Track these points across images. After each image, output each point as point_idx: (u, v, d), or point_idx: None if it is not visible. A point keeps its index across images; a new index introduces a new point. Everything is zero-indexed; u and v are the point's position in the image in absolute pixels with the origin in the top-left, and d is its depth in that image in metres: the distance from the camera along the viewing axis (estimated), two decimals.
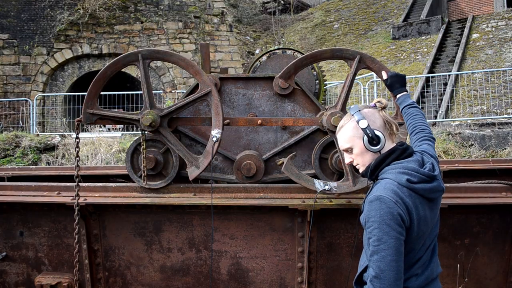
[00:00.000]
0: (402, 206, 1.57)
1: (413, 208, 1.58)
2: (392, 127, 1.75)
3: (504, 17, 14.09)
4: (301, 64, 2.61)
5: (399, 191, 1.58)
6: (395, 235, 1.54)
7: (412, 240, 1.61)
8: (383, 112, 1.77)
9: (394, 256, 1.53)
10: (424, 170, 1.64)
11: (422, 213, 1.60)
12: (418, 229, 1.60)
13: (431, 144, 1.90)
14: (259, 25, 19.72)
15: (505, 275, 2.57)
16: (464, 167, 3.89)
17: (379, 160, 1.70)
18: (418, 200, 1.60)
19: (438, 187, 1.65)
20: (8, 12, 14.27)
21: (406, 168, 1.63)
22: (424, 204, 1.62)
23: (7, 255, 2.79)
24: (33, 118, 11.73)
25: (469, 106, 10.72)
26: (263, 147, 2.97)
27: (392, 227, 1.54)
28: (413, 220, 1.58)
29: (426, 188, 1.61)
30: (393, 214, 1.54)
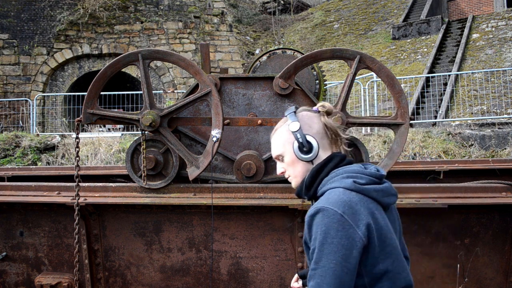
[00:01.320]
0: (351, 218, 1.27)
1: (370, 217, 1.29)
2: (335, 136, 1.47)
3: (504, 17, 14.09)
4: (301, 64, 2.61)
5: (346, 198, 1.29)
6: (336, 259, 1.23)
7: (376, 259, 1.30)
8: (325, 118, 1.48)
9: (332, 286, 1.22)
10: (370, 171, 1.40)
11: (383, 222, 1.32)
12: (382, 242, 1.30)
13: None
14: (259, 25, 19.72)
15: (505, 275, 2.57)
16: (464, 167, 3.89)
17: (315, 170, 1.43)
18: (373, 206, 1.32)
19: (390, 189, 1.40)
20: (8, 12, 14.28)
21: (349, 171, 1.38)
22: (383, 212, 1.35)
23: (7, 255, 2.79)
24: (33, 118, 11.73)
25: (469, 106, 10.72)
26: (263, 147, 2.97)
27: (334, 248, 1.24)
28: (371, 233, 1.27)
29: (378, 190, 1.35)
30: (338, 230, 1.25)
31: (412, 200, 2.49)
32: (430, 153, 7.59)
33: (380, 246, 1.29)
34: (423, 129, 8.73)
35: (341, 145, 1.50)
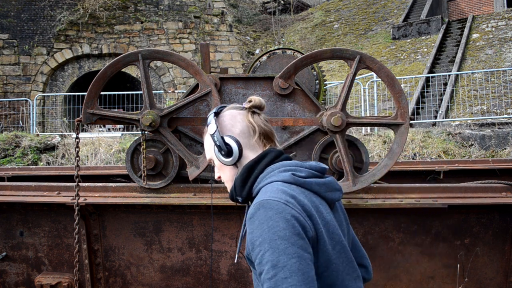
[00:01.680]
0: (296, 206, 1.12)
1: (313, 209, 1.16)
2: (264, 135, 1.34)
3: (504, 17, 14.09)
4: (301, 64, 2.61)
5: (286, 189, 1.16)
6: (296, 252, 1.05)
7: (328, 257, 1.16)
8: (249, 116, 1.35)
9: (303, 285, 1.02)
10: (310, 164, 1.28)
11: (329, 217, 1.20)
12: (331, 239, 1.17)
13: None
14: (259, 25, 19.72)
15: (505, 275, 2.57)
16: (464, 167, 3.89)
17: (246, 168, 1.29)
18: (316, 200, 1.20)
19: (334, 183, 1.28)
20: (8, 12, 14.27)
21: (287, 164, 1.26)
22: (327, 208, 1.23)
23: (7, 255, 2.79)
24: (33, 118, 11.73)
25: (469, 106, 10.72)
26: None
27: (290, 240, 1.06)
28: (317, 225, 1.14)
29: (320, 183, 1.23)
30: (287, 219, 1.08)
31: (412, 200, 2.49)
32: (430, 153, 7.59)
33: (331, 244, 1.17)
34: (423, 129, 8.73)
35: (276, 143, 1.38)
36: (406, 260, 2.59)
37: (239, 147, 1.31)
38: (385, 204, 2.49)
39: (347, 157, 2.53)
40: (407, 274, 2.59)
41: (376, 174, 2.54)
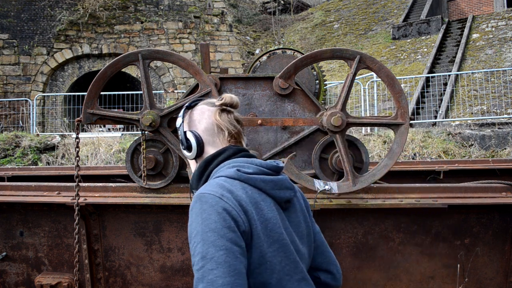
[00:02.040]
0: (231, 200, 1.13)
1: (251, 205, 1.16)
2: (230, 134, 1.35)
3: (504, 17, 14.09)
4: (301, 64, 2.61)
5: (227, 184, 1.18)
6: (225, 245, 1.06)
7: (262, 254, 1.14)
8: (217, 113, 1.36)
9: (228, 276, 1.02)
10: (261, 161, 1.31)
11: (270, 214, 1.19)
12: (268, 237, 1.15)
13: None
14: (259, 25, 19.72)
15: (505, 275, 2.57)
16: (464, 167, 3.89)
17: (204, 162, 1.32)
18: (259, 196, 1.20)
19: (284, 182, 1.27)
20: (8, 12, 14.27)
21: (237, 161, 1.29)
22: (272, 205, 1.22)
23: (7, 255, 2.79)
24: (33, 118, 11.73)
25: (469, 106, 10.72)
26: (263, 147, 2.97)
27: (220, 232, 1.07)
28: (253, 220, 1.14)
29: (266, 180, 1.23)
30: (218, 212, 1.10)
31: (412, 200, 2.49)
32: (430, 153, 7.59)
33: (267, 241, 1.15)
34: (423, 129, 8.73)
35: (243, 142, 1.40)
36: (406, 260, 2.59)
37: (198, 143, 1.34)
38: (385, 204, 2.49)
39: (347, 157, 2.53)
40: (407, 274, 2.59)
41: (376, 174, 2.54)
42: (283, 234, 1.20)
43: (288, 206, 1.30)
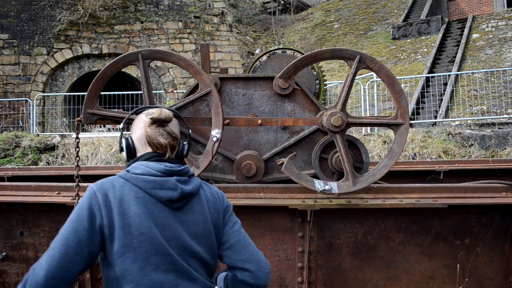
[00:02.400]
0: (98, 196, 1.35)
1: (117, 202, 1.34)
2: (154, 145, 1.50)
3: (504, 17, 14.09)
4: (301, 64, 2.61)
5: (110, 180, 1.40)
6: (73, 227, 1.31)
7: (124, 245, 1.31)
8: (147, 125, 1.52)
9: (60, 246, 1.29)
10: (159, 165, 1.44)
11: (139, 210, 1.34)
12: (132, 231, 1.32)
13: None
14: (259, 25, 19.72)
15: (505, 275, 2.57)
16: (464, 167, 3.89)
17: (127, 165, 1.52)
18: (136, 194, 1.37)
19: (168, 183, 1.41)
20: (8, 12, 14.27)
21: (137, 163, 1.47)
22: (150, 203, 1.37)
23: (7, 255, 2.79)
24: (33, 118, 11.73)
25: (469, 106, 10.72)
26: (263, 147, 2.97)
27: (76, 217, 1.33)
28: (115, 216, 1.32)
29: (148, 180, 1.39)
30: (85, 203, 1.35)
31: (412, 200, 2.49)
32: (430, 153, 7.59)
33: (131, 234, 1.32)
34: (423, 129, 8.73)
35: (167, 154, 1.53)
36: (406, 260, 2.59)
37: (128, 148, 1.55)
38: (385, 204, 2.49)
39: (347, 157, 2.53)
40: (407, 274, 2.59)
41: (376, 174, 2.54)
42: (151, 228, 1.35)
43: (179, 206, 1.43)
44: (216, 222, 1.53)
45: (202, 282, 1.43)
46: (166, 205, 1.41)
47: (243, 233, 1.57)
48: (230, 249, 1.52)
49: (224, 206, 1.59)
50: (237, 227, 1.58)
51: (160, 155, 1.52)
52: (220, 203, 1.58)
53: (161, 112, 1.54)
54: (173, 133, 1.57)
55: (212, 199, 1.56)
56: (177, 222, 1.41)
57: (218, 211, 1.55)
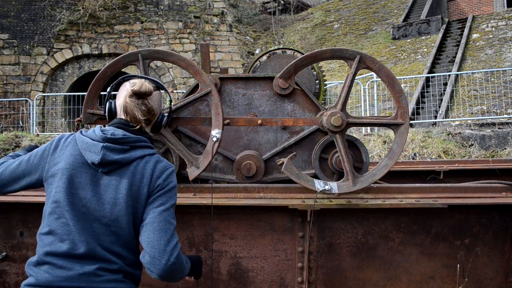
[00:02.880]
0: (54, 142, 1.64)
1: (59, 151, 1.59)
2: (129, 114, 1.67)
3: (504, 17, 14.09)
4: (301, 64, 2.61)
5: (68, 135, 1.67)
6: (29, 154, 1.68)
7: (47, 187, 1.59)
8: (128, 95, 1.67)
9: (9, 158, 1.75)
10: (105, 131, 1.60)
11: (62, 166, 1.55)
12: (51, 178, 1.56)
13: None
14: (259, 25, 19.72)
15: (505, 275, 2.57)
16: (464, 167, 3.89)
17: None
18: (72, 150, 1.58)
19: (96, 147, 1.55)
20: (8, 12, 14.27)
21: (99, 126, 1.68)
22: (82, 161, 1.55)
23: (7, 255, 2.79)
24: (33, 118, 11.73)
25: (469, 106, 10.72)
26: (263, 147, 2.97)
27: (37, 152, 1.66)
28: (52, 160, 1.59)
29: (83, 142, 1.58)
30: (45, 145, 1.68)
31: (412, 200, 2.49)
32: (430, 153, 7.59)
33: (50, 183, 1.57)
34: (423, 129, 8.73)
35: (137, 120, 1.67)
36: (406, 260, 2.59)
37: (109, 111, 1.73)
38: (385, 204, 2.49)
39: (347, 157, 2.53)
40: (407, 274, 2.59)
41: (376, 174, 2.54)
42: (67, 183, 1.53)
43: (105, 171, 1.55)
44: (136, 195, 1.55)
45: (100, 244, 1.52)
46: (92, 167, 1.55)
47: (163, 217, 1.54)
48: (143, 228, 1.53)
49: (156, 183, 1.58)
50: (161, 209, 1.55)
51: (125, 123, 1.66)
52: (152, 180, 1.58)
53: (141, 86, 1.66)
54: (150, 107, 1.69)
55: (141, 173, 1.58)
56: (96, 184, 1.54)
57: (142, 186, 1.56)
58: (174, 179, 1.65)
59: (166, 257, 1.48)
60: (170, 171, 1.64)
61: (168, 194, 1.59)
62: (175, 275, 1.56)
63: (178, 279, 1.63)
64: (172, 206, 1.60)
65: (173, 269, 1.51)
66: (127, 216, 1.53)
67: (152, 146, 1.69)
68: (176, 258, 1.51)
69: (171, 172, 1.64)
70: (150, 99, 1.70)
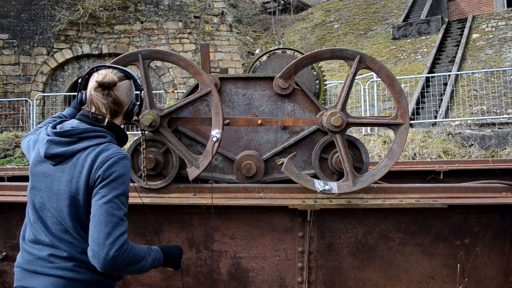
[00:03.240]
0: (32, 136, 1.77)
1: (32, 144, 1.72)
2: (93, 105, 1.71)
3: (504, 17, 14.09)
4: (301, 64, 2.61)
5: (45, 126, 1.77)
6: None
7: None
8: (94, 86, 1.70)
9: None
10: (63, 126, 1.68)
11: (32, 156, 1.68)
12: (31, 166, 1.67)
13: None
14: (259, 25, 19.72)
15: (505, 275, 2.57)
16: (464, 167, 3.89)
17: None
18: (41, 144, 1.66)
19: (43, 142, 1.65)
20: (8, 12, 14.27)
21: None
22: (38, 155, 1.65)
23: (7, 255, 2.79)
24: (33, 118, 11.73)
25: (469, 106, 10.72)
26: (263, 147, 2.97)
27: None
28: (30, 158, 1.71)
29: (40, 137, 1.68)
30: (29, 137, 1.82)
31: (412, 200, 2.49)
32: (430, 153, 7.59)
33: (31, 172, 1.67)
34: (423, 129, 8.73)
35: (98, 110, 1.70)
36: (406, 260, 2.59)
37: (80, 101, 1.77)
38: (385, 204, 2.49)
39: (347, 157, 2.53)
40: (407, 274, 2.59)
41: (376, 174, 2.54)
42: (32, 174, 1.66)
43: (53, 164, 1.62)
44: (76, 187, 1.58)
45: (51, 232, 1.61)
46: (46, 161, 1.63)
47: (103, 210, 1.52)
48: (90, 221, 1.54)
49: (96, 175, 1.56)
50: (102, 202, 1.53)
51: (86, 115, 1.70)
52: (92, 172, 1.57)
53: (104, 77, 1.67)
54: (115, 98, 1.70)
55: (82, 165, 1.59)
56: (48, 176, 1.61)
57: (81, 178, 1.58)
58: (119, 167, 1.58)
59: (105, 251, 1.47)
60: (114, 160, 1.58)
61: (112, 184, 1.55)
62: (122, 268, 1.53)
63: (133, 272, 1.61)
64: (117, 197, 1.55)
65: (116, 263, 1.49)
66: (67, 207, 1.57)
67: (105, 136, 1.66)
68: (118, 251, 1.48)
69: (115, 161, 1.58)
70: (116, 89, 1.70)
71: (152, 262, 1.67)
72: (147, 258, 1.64)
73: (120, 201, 1.56)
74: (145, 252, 1.64)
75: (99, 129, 1.66)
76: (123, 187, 1.58)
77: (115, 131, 1.73)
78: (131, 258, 1.54)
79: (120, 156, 1.60)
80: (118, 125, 1.77)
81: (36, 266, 1.58)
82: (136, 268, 1.59)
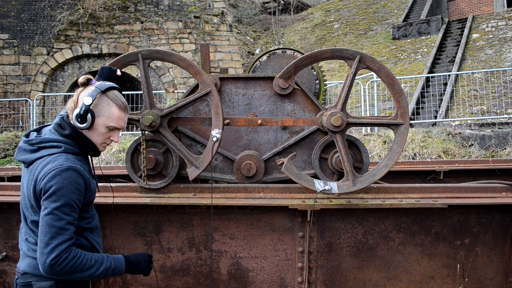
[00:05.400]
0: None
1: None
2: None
3: (504, 17, 14.09)
4: (301, 64, 2.61)
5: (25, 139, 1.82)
6: None
7: None
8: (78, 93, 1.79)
9: None
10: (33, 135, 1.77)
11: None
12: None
13: None
14: (259, 25, 19.72)
15: (505, 275, 2.57)
16: (464, 167, 3.89)
17: None
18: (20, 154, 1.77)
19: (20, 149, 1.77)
20: (8, 12, 14.27)
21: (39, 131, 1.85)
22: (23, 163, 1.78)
23: (7, 255, 2.79)
24: (33, 118, 11.73)
25: (469, 106, 10.72)
26: (263, 147, 2.97)
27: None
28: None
29: (18, 146, 1.79)
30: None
31: (412, 200, 2.49)
32: (430, 153, 7.59)
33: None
34: (423, 129, 8.73)
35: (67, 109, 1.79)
36: (406, 260, 2.59)
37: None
38: (385, 204, 2.49)
39: (347, 157, 2.53)
40: (407, 274, 2.59)
41: (376, 174, 2.54)
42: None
43: (25, 166, 1.76)
44: (28, 195, 1.71)
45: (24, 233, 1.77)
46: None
47: (44, 221, 1.61)
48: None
49: (39, 188, 1.65)
50: (43, 213, 1.61)
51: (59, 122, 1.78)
52: (37, 183, 1.66)
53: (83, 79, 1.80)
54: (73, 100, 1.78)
55: (34, 174, 1.68)
56: (23, 176, 1.77)
57: (30, 187, 1.69)
58: (59, 180, 1.62)
59: (43, 258, 1.58)
60: (54, 173, 1.62)
61: (52, 197, 1.61)
62: (63, 274, 1.61)
63: (81, 278, 1.67)
64: (57, 208, 1.60)
65: (56, 270, 1.58)
66: (25, 210, 1.76)
67: (59, 146, 1.72)
68: (55, 259, 1.57)
69: (55, 174, 1.62)
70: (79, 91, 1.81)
71: (105, 271, 1.71)
72: (97, 267, 1.69)
73: (62, 212, 1.61)
74: (97, 261, 1.69)
75: (55, 138, 1.74)
76: (64, 198, 1.62)
77: (74, 138, 1.77)
78: (73, 266, 1.61)
79: (62, 169, 1.63)
80: (80, 133, 1.78)
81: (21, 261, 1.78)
82: (83, 275, 1.65)
